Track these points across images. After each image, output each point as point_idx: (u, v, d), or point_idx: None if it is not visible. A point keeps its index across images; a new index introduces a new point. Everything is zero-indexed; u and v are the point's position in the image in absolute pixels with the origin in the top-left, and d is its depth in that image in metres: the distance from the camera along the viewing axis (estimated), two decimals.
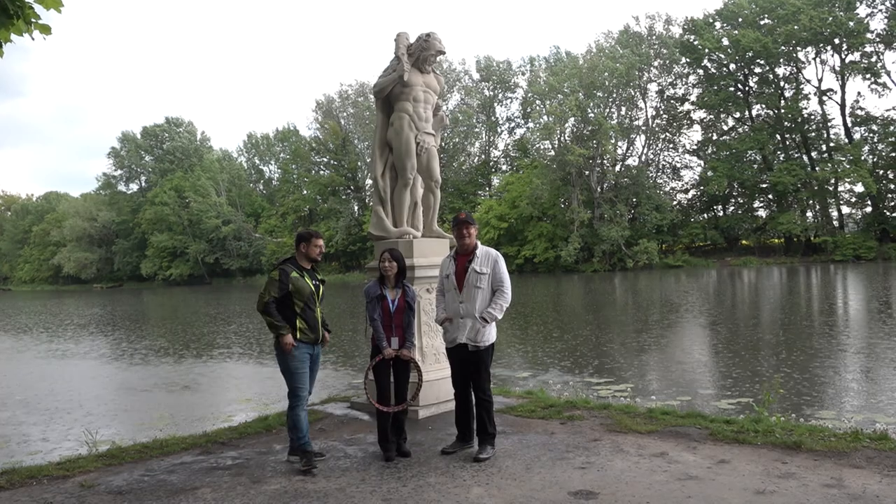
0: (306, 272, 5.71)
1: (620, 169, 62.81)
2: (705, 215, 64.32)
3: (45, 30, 4.53)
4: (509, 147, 73.92)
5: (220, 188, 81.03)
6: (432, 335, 7.19)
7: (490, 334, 5.78)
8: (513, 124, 73.75)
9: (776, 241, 61.06)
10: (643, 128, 63.85)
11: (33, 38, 4.55)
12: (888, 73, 54.61)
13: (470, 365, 5.76)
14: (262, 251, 76.70)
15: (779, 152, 59.35)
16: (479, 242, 5.93)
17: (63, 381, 14.48)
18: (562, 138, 60.09)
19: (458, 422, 5.93)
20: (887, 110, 59.18)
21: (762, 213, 61.28)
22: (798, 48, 56.14)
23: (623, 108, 63.36)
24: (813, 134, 58.22)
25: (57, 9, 4.45)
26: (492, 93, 72.86)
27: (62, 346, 21.82)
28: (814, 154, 58.28)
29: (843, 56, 55.72)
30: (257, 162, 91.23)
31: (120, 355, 18.75)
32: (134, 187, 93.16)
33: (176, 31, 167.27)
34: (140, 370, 15.83)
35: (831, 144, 57.05)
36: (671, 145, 65.55)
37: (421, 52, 7.51)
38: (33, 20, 4.43)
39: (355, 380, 12.07)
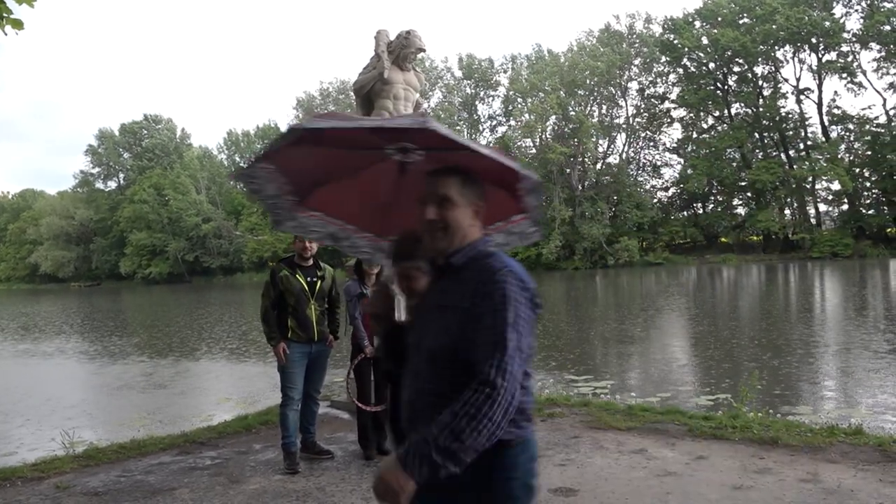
0: (300, 269, 5.71)
1: (601, 167, 63.21)
2: (685, 213, 64.91)
3: (18, 25, 4.46)
4: (491, 145, 73.90)
5: (199, 186, 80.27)
6: None
7: None
8: (494, 122, 73.87)
9: (755, 238, 61.68)
10: (624, 126, 64.28)
11: (6, 34, 4.47)
12: (864, 73, 55.51)
13: None
14: (242, 249, 76.10)
15: (757, 150, 60.03)
16: None
17: (39, 382, 14.26)
18: (543, 136, 60.33)
19: None
20: (863, 109, 60.14)
21: (741, 210, 62.02)
22: (776, 47, 56.76)
23: (604, 107, 63.81)
24: (791, 132, 58.90)
25: (30, 4, 4.38)
26: (473, 91, 72.84)
27: (38, 345, 21.51)
28: (791, 152, 58.99)
29: (820, 55, 56.43)
30: (237, 159, 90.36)
31: (98, 355, 18.52)
32: (112, 185, 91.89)
33: (154, 27, 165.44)
34: (118, 370, 15.62)
35: (809, 143, 57.81)
36: (651, 143, 66.16)
37: (401, 50, 7.48)
38: (5, 15, 4.36)
39: (335, 378, 12.01)
